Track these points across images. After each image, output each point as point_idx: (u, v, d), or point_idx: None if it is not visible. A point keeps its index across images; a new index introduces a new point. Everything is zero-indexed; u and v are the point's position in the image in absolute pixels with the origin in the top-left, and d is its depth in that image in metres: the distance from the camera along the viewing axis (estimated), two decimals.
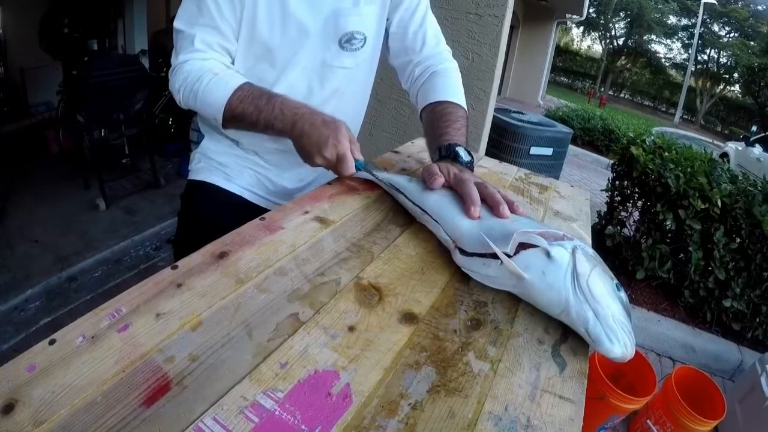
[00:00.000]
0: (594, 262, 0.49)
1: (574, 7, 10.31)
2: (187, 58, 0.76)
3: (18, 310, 1.92)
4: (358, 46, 0.84)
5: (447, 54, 0.95)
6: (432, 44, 0.93)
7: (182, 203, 0.94)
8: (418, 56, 0.93)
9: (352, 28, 0.81)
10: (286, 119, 0.71)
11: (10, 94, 3.64)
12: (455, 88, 0.88)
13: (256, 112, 0.72)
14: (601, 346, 0.44)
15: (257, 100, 0.73)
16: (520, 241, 0.51)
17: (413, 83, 0.94)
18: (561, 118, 7.46)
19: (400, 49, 0.94)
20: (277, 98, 0.73)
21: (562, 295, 0.46)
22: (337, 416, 0.35)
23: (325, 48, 0.81)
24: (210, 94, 0.74)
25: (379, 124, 2.12)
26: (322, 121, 0.70)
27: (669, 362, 2.19)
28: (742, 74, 20.40)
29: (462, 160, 0.71)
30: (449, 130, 0.78)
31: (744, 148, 6.84)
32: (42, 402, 0.32)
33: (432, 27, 0.93)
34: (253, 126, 0.74)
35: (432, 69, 0.91)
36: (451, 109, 0.83)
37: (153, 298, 0.44)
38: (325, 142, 0.68)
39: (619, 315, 0.45)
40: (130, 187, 3.03)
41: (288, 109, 0.72)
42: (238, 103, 0.73)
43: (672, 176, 2.27)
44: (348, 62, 0.85)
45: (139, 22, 4.08)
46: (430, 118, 0.85)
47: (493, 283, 0.52)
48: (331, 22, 0.80)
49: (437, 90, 0.87)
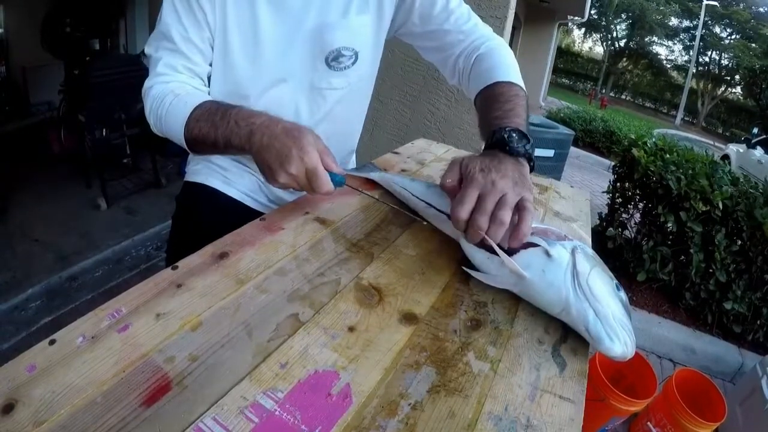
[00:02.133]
0: (593, 261, 0.49)
1: (576, 8, 10.31)
2: (152, 84, 0.72)
3: (18, 310, 1.92)
4: (347, 63, 0.76)
5: (488, 33, 0.83)
6: (467, 30, 0.82)
7: (178, 205, 0.89)
8: (457, 48, 0.82)
9: (339, 44, 0.74)
10: (242, 132, 0.61)
11: (12, 93, 3.65)
12: (503, 66, 0.77)
13: (212, 131, 0.63)
14: (602, 344, 0.44)
15: (213, 116, 0.64)
16: None
17: (460, 77, 0.84)
18: (562, 120, 7.46)
19: (434, 47, 0.85)
20: (233, 110, 0.63)
21: (562, 293, 0.46)
22: (337, 416, 0.35)
23: (312, 68, 0.75)
24: (171, 116, 0.68)
25: (381, 124, 2.12)
26: (283, 130, 0.59)
27: (670, 364, 2.19)
28: (744, 76, 20.40)
29: (513, 147, 0.58)
30: (499, 113, 0.66)
31: (745, 150, 6.83)
32: (42, 402, 0.32)
33: (461, 13, 0.82)
34: (214, 146, 0.65)
35: (475, 54, 0.80)
36: (501, 89, 0.72)
37: (153, 299, 0.44)
38: (287, 154, 0.56)
39: (619, 314, 0.45)
40: (132, 186, 3.03)
41: (243, 119, 0.61)
42: (195, 123, 0.65)
43: (673, 178, 2.27)
44: (337, 82, 0.77)
45: (141, 22, 4.09)
46: (481, 106, 0.75)
47: (493, 281, 0.52)
48: (317, 38, 0.73)
49: (484, 74, 0.77)
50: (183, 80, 0.72)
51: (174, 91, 0.70)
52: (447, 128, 1.95)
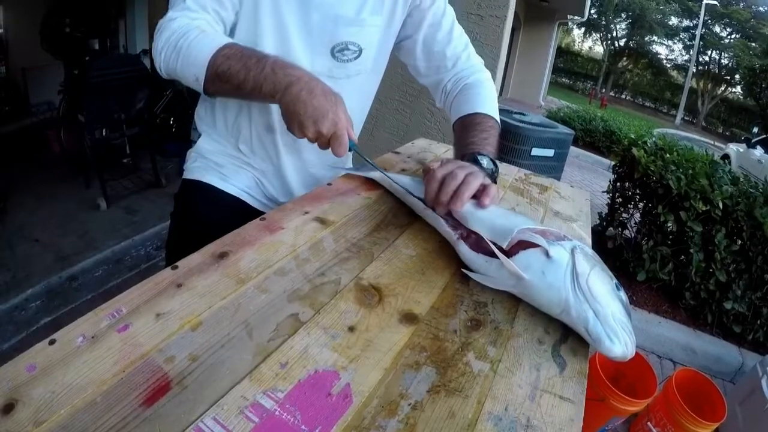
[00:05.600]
0: (593, 262, 0.49)
1: (576, 7, 10.31)
2: (176, 16, 0.68)
3: (18, 310, 1.91)
4: (350, 57, 0.79)
5: (479, 65, 0.91)
6: (463, 59, 0.89)
7: (176, 203, 0.90)
8: (449, 74, 0.90)
9: (347, 38, 0.77)
10: (278, 81, 0.63)
11: (12, 93, 3.65)
12: (485, 99, 0.84)
13: (243, 71, 0.64)
14: (602, 345, 0.44)
15: (246, 59, 0.64)
16: (520, 239, 0.51)
17: (446, 100, 0.91)
18: (562, 119, 7.46)
19: (429, 68, 0.91)
20: (269, 58, 0.65)
21: (562, 294, 0.46)
22: (337, 416, 0.35)
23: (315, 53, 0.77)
24: (194, 48, 0.66)
25: (381, 124, 2.12)
26: (322, 91, 0.63)
27: (670, 364, 2.19)
28: (744, 76, 20.40)
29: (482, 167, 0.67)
30: (475, 140, 0.75)
31: (745, 150, 6.83)
32: (42, 402, 0.32)
33: (460, 41, 0.89)
34: (238, 89, 0.66)
35: (463, 82, 0.88)
36: (479, 120, 0.80)
37: (153, 298, 0.44)
38: (324, 115, 0.62)
39: (620, 314, 0.45)
40: (131, 186, 3.03)
41: (281, 69, 0.64)
42: (223, 60, 0.65)
43: (673, 178, 2.27)
44: (337, 72, 0.80)
45: (141, 22, 4.09)
46: (459, 130, 0.82)
47: (492, 283, 0.52)
48: (328, 28, 0.76)
49: (468, 102, 0.84)
50: (210, 21, 0.71)
51: (200, 27, 0.68)
52: (447, 128, 1.95)
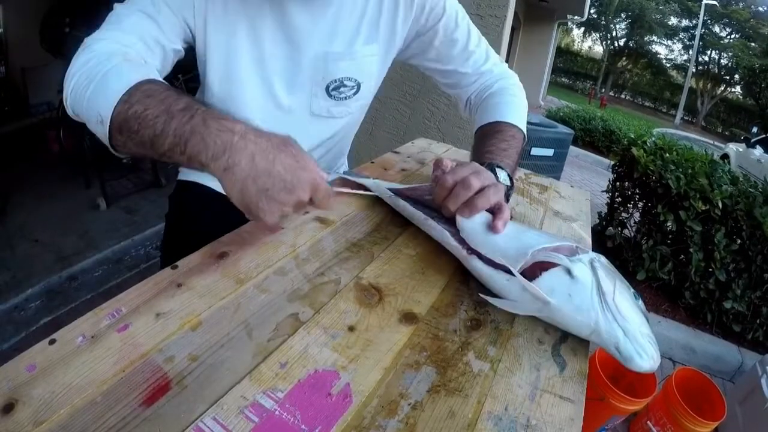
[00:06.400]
0: (613, 275, 0.48)
1: (575, 7, 10.31)
2: (103, 37, 0.56)
3: (18, 310, 1.91)
4: (348, 93, 0.74)
5: (504, 71, 0.85)
6: (485, 71, 0.83)
7: (170, 204, 0.88)
8: (473, 87, 0.85)
9: (342, 75, 0.71)
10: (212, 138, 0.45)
11: (11, 93, 3.64)
12: (509, 107, 0.78)
13: (163, 117, 0.47)
14: (633, 363, 0.43)
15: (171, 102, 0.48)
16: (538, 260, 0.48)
17: (471, 110, 0.86)
18: (562, 119, 7.46)
19: (448, 85, 0.87)
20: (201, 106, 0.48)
21: (592, 317, 0.45)
22: (337, 416, 0.35)
23: (311, 95, 0.72)
24: (110, 79, 0.50)
25: (380, 124, 2.12)
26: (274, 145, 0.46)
27: (669, 363, 2.19)
28: (743, 75, 20.42)
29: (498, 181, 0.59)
30: (492, 149, 0.68)
31: (745, 150, 6.84)
32: (42, 402, 0.32)
33: (479, 54, 0.82)
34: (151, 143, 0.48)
35: (487, 91, 0.83)
36: (500, 128, 0.74)
37: (153, 298, 0.44)
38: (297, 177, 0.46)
39: (644, 328, 0.45)
40: (131, 186, 3.03)
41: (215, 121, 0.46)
42: (140, 97, 0.48)
43: (673, 177, 2.27)
44: (337, 111, 0.75)
45: None
46: (479, 138, 0.76)
47: (514, 308, 0.49)
48: (320, 66, 0.70)
49: (488, 111, 0.78)
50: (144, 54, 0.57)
51: (128, 56, 0.54)
52: (447, 128, 1.95)
